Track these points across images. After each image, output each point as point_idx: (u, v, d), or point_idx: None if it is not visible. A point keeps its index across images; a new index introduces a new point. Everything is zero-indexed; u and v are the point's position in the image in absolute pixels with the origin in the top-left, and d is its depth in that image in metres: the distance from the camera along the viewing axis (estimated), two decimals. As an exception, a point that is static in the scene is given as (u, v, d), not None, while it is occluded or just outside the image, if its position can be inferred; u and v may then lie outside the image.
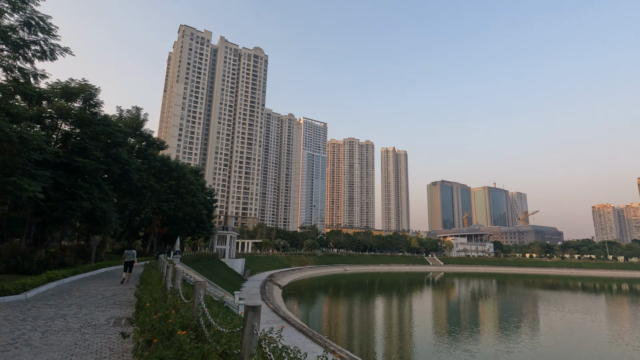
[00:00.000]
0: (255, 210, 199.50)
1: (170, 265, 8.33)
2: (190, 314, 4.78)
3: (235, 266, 61.30)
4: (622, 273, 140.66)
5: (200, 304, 4.64)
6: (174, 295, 6.24)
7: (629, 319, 41.33)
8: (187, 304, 5.44)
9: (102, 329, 8.64)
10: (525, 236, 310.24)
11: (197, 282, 4.98)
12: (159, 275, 11.87)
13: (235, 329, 3.81)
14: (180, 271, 6.88)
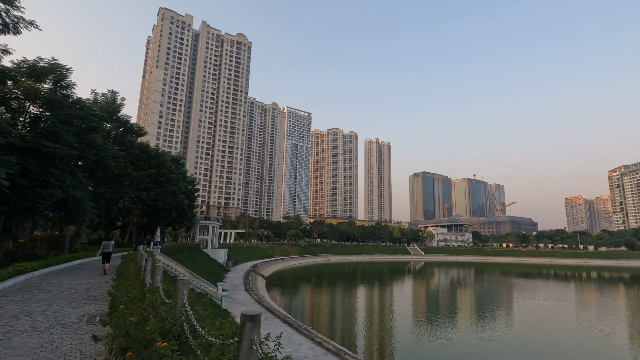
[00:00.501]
0: (238, 200, 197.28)
1: (149, 259, 7.57)
2: (172, 317, 4.15)
3: (217, 257, 60.31)
4: (591, 262, 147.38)
5: (184, 305, 4.03)
6: (154, 293, 5.56)
7: (598, 306, 43.09)
8: (169, 305, 4.80)
9: (73, 328, 7.84)
10: (502, 226, 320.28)
11: (180, 281, 4.34)
12: (137, 268, 11.11)
13: (228, 340, 3.24)
14: (161, 265, 6.17)
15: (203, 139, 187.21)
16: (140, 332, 3.63)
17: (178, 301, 4.14)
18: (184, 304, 4.02)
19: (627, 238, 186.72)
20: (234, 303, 28.49)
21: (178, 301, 4.14)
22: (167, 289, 5.85)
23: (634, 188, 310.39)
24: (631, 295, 53.86)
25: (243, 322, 2.95)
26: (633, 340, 26.50)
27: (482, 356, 21.49)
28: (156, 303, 4.99)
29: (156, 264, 7.42)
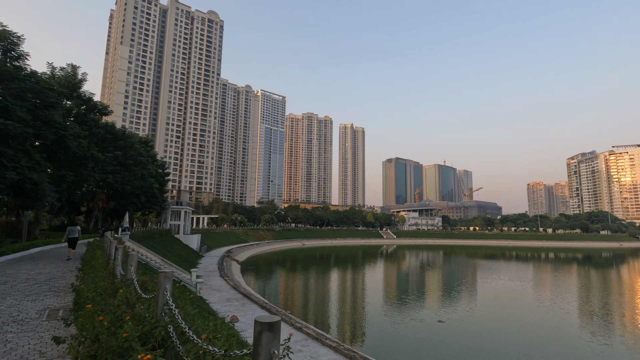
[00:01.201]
0: (211, 185, 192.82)
1: (119, 246, 6.75)
2: (153, 317, 3.51)
3: (190, 242, 58.77)
4: (550, 243, 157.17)
5: (167, 303, 3.40)
6: (127, 287, 4.82)
7: (556, 285, 45.93)
8: (147, 301, 4.14)
9: (31, 325, 6.93)
10: (469, 211, 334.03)
11: (162, 274, 3.67)
12: (105, 257, 10.11)
13: (229, 348, 2.65)
14: (135, 254, 5.41)
15: (173, 122, 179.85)
16: (114, 337, 3.00)
17: (160, 298, 3.49)
18: (167, 301, 3.40)
19: (582, 221, 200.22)
20: (209, 289, 27.76)
21: (160, 298, 3.49)
22: (142, 282, 5.13)
23: (589, 175, 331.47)
24: (582, 274, 57.86)
25: (259, 332, 2.31)
26: (589, 315, 28.36)
27: (451, 336, 22.17)
28: (131, 299, 4.29)
29: (129, 252, 6.62)
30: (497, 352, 19.20)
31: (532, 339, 21.68)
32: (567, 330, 24.11)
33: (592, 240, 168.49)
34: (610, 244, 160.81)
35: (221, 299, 24.37)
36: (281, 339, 2.83)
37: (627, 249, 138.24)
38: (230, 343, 2.77)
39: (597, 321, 26.59)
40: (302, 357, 13.28)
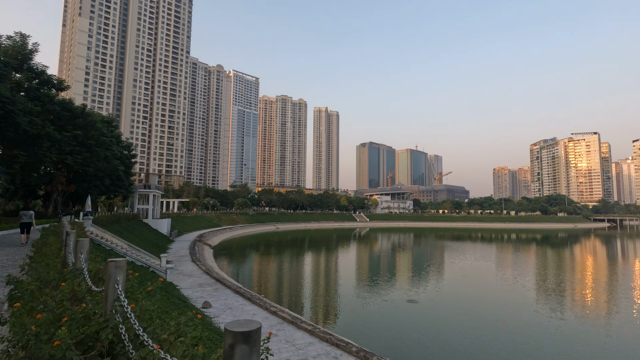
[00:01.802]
0: (181, 168, 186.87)
1: (71, 231, 6.01)
2: (102, 314, 2.97)
3: (160, 227, 56.87)
4: (513, 225, 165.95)
5: (119, 298, 2.88)
6: (75, 278, 4.20)
7: (518, 264, 48.58)
8: (97, 294, 3.58)
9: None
10: (439, 194, 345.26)
11: (113, 263, 3.05)
12: (59, 243, 9.25)
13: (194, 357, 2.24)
14: (87, 241, 4.77)
15: (139, 101, 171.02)
16: (45, 344, 2.49)
17: (110, 292, 2.94)
18: (118, 296, 2.88)
19: (542, 204, 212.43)
20: (180, 275, 26.96)
21: (110, 292, 2.94)
22: (96, 271, 4.54)
23: (550, 160, 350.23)
24: (540, 254, 61.56)
25: (231, 345, 1.78)
26: (546, 292, 30.18)
27: (420, 315, 22.86)
28: (79, 292, 3.72)
29: (82, 237, 5.92)
30: (464, 329, 19.95)
31: (496, 316, 22.74)
32: (528, 306, 25.49)
33: (550, 222, 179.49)
34: (566, 225, 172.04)
35: (193, 284, 23.73)
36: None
37: (580, 230, 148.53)
38: (194, 354, 2.35)
39: (554, 297, 28.35)
40: (278, 342, 13.09)
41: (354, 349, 12.32)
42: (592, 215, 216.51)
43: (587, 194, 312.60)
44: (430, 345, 17.15)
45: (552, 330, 19.99)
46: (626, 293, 30.16)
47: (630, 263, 50.65)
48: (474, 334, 19.11)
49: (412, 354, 15.99)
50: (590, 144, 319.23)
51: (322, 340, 13.40)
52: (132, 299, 3.35)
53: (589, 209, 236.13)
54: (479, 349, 16.83)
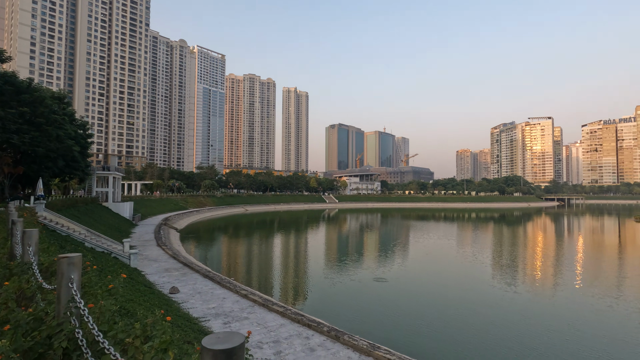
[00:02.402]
0: (143, 149, 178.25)
1: (18, 220, 5.37)
2: (54, 316, 2.64)
3: (121, 211, 54.40)
4: (473, 205, 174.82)
5: (74, 300, 2.56)
6: (23, 274, 3.74)
7: (477, 241, 51.55)
8: (49, 292, 3.21)
9: None
10: (405, 176, 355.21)
11: (65, 260, 2.65)
12: (5, 232, 8.39)
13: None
14: (36, 231, 4.28)
15: (94, 76, 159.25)
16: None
17: (63, 293, 2.60)
18: (73, 297, 2.57)
19: (500, 185, 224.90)
20: (145, 260, 26.08)
21: (63, 293, 2.60)
22: (49, 264, 4.10)
23: (508, 143, 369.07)
24: (497, 231, 65.65)
25: None
26: (502, 267, 32.35)
27: (386, 292, 23.76)
28: (27, 290, 3.32)
29: (32, 224, 5.38)
30: (429, 304, 21.00)
31: (458, 290, 24.11)
32: (486, 281, 27.22)
33: (507, 202, 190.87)
34: (520, 204, 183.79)
35: (159, 269, 23.06)
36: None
37: (533, 208, 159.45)
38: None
39: (508, 271, 30.47)
40: (249, 325, 13.08)
41: (325, 328, 12.58)
42: (544, 195, 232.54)
43: (540, 175, 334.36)
44: (398, 321, 17.91)
45: (507, 300, 21.55)
46: (570, 266, 32.96)
47: (574, 238, 55.28)
48: (439, 308, 20.17)
49: (381, 330, 16.63)
50: (545, 128, 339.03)
51: (293, 322, 13.56)
52: (90, 295, 3.08)
53: (542, 189, 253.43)
54: (444, 321, 17.81)
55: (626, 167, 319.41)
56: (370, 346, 11.20)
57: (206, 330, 12.14)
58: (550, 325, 17.53)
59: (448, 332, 16.61)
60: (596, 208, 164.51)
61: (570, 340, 15.77)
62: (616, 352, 14.62)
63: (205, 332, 11.82)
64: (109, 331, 2.46)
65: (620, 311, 19.85)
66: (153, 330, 2.43)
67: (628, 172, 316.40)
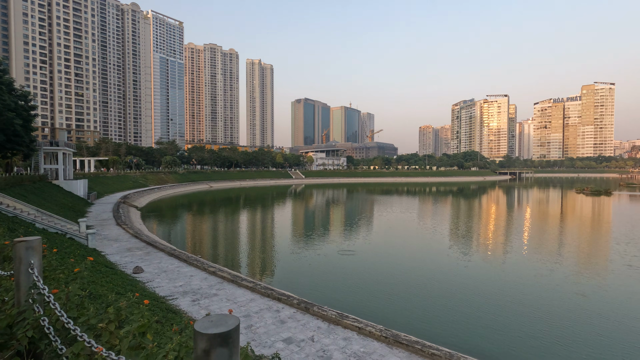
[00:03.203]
0: (95, 123, 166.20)
1: None
2: (14, 305, 2.41)
3: (75, 189, 51.08)
4: (434, 179, 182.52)
5: (36, 285, 2.35)
6: None
7: (436, 214, 54.35)
8: (3, 278, 2.94)
9: None
10: (371, 151, 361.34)
11: (22, 244, 2.33)
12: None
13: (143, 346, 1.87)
14: None
15: (34, 41, 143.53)
16: None
17: (22, 280, 2.36)
18: (35, 283, 2.37)
19: (459, 160, 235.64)
20: (104, 240, 24.97)
21: (22, 280, 2.36)
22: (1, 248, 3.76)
23: (467, 120, 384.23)
24: (455, 204, 69.50)
25: (206, 350, 1.47)
26: (458, 238, 34.55)
27: (351, 266, 24.69)
28: None
29: None
30: (391, 273, 22.10)
31: (419, 260, 25.53)
32: (444, 250, 28.98)
33: (465, 176, 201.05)
34: (477, 178, 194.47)
35: (120, 249, 22.22)
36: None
37: (488, 182, 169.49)
38: (142, 344, 2.04)
39: (464, 241, 32.61)
40: (219, 301, 13.12)
41: (294, 301, 12.91)
42: (498, 169, 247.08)
43: (495, 150, 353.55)
44: (365, 291, 18.76)
45: (462, 267, 23.20)
46: (518, 235, 35.84)
47: (523, 209, 59.83)
48: (402, 276, 21.31)
49: (349, 300, 17.35)
50: (501, 105, 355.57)
51: (263, 296, 13.77)
52: (52, 280, 2.89)
53: (496, 163, 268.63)
54: (407, 288, 18.89)
55: (570, 143, 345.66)
56: (339, 315, 11.70)
57: (174, 308, 12.04)
58: (501, 289, 19.19)
59: (411, 298, 17.67)
60: (543, 181, 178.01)
61: (514, 301, 17.40)
62: (554, 308, 16.37)
63: (174, 310, 11.72)
64: (79, 317, 2.33)
65: (559, 274, 22.07)
66: (127, 314, 2.34)
67: (572, 147, 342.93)
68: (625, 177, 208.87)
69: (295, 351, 9.65)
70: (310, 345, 9.98)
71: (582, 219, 47.36)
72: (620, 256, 26.30)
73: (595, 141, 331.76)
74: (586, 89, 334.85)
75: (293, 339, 10.34)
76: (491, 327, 14.52)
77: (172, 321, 9.40)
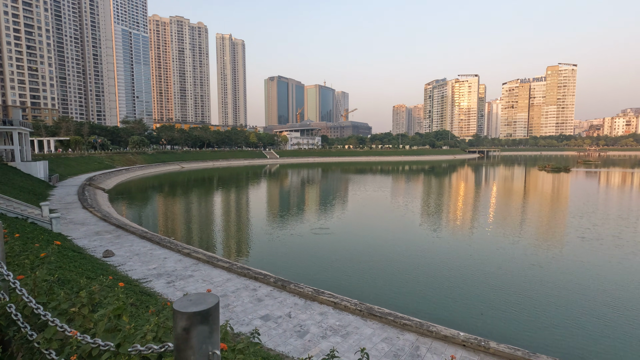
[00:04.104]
0: (53, 100, 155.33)
1: None
2: None
3: (34, 171, 48.19)
4: (407, 158, 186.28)
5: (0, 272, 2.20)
6: None
7: (407, 192, 55.92)
8: None
9: None
10: (345, 130, 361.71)
11: None
12: None
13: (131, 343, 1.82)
14: None
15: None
16: None
17: None
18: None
19: (430, 139, 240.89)
20: (69, 224, 23.95)
21: None
22: None
23: (439, 99, 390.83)
24: (426, 182, 71.70)
25: (186, 328, 1.45)
26: (428, 214, 35.88)
27: (324, 244, 25.18)
28: None
29: None
30: (364, 250, 22.75)
31: (391, 237, 26.37)
32: (415, 226, 30.06)
33: (436, 154, 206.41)
34: (447, 157, 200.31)
35: (88, 233, 21.42)
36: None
37: (458, 160, 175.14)
38: (119, 326, 2.02)
39: (434, 217, 33.93)
40: (195, 282, 13.06)
41: (271, 279, 13.08)
42: (467, 147, 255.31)
43: (465, 129, 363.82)
44: (339, 267, 19.25)
45: (430, 243, 24.24)
46: (484, 211, 37.64)
47: (489, 186, 62.64)
48: (375, 252, 21.99)
49: (325, 277, 17.77)
50: (472, 85, 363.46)
51: (240, 276, 13.84)
52: (16, 266, 2.75)
53: (466, 142, 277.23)
54: (379, 264, 19.55)
55: (535, 122, 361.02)
56: (315, 292, 12.00)
57: (149, 290, 11.89)
58: (467, 262, 20.29)
59: (384, 273, 18.35)
60: (509, 159, 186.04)
61: (478, 273, 18.49)
62: (514, 278, 17.57)
63: (148, 292, 11.58)
64: (49, 302, 2.25)
65: (519, 247, 23.56)
66: (101, 297, 2.29)
67: (536, 126, 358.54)
68: (582, 154, 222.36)
69: (273, 327, 9.87)
70: (287, 321, 10.23)
71: (543, 195, 50.28)
72: (574, 229, 28.33)
73: (557, 120, 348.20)
74: (551, 69, 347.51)
75: (270, 316, 10.54)
76: (457, 297, 15.42)
77: (147, 303, 9.30)
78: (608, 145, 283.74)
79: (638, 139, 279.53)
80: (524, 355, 8.26)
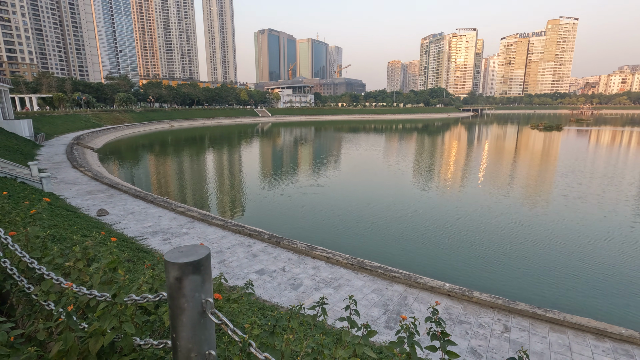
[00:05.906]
0: (31, 54, 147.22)
1: None
2: None
3: (18, 130, 46.83)
4: (401, 116, 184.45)
5: None
6: None
7: (400, 151, 56.06)
8: None
9: None
10: (338, 87, 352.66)
11: None
12: None
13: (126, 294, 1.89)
14: None
15: None
16: None
17: None
18: None
19: (425, 96, 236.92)
20: (61, 184, 23.79)
21: None
22: None
23: (436, 55, 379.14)
24: (418, 141, 71.71)
25: (178, 277, 1.50)
26: (420, 173, 36.32)
27: (316, 202, 25.57)
28: None
29: None
30: (357, 207, 23.23)
31: (382, 195, 26.83)
32: (406, 186, 30.52)
33: (430, 113, 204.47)
34: (441, 115, 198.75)
35: (80, 192, 21.36)
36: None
37: (452, 119, 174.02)
38: (114, 278, 2.04)
39: (425, 176, 34.40)
40: (190, 239, 13.34)
41: (266, 236, 13.41)
42: (462, 106, 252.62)
43: (460, 86, 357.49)
44: (332, 224, 19.75)
45: (421, 200, 24.80)
46: (474, 170, 38.16)
47: (481, 145, 62.98)
48: (367, 209, 22.47)
49: (318, 233, 18.26)
50: (470, 40, 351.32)
51: (234, 233, 14.14)
52: (7, 223, 2.76)
53: (461, 100, 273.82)
54: (371, 220, 20.08)
55: (531, 80, 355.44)
56: (309, 247, 12.39)
57: (145, 247, 12.15)
58: (454, 218, 20.93)
59: (375, 229, 18.90)
60: (502, 117, 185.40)
61: (464, 228, 19.16)
62: (497, 236, 18.29)
63: (145, 249, 11.84)
64: (43, 257, 2.29)
65: (504, 205, 24.24)
66: (95, 252, 2.34)
67: (532, 84, 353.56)
68: (576, 113, 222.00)
69: (268, 280, 10.29)
70: (281, 275, 10.65)
71: (534, 154, 50.86)
72: (559, 187, 29.05)
73: (553, 78, 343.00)
74: (551, 23, 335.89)
75: (265, 270, 10.95)
76: (444, 251, 16.09)
77: (144, 259, 9.55)
78: (602, 103, 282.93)
79: (632, 97, 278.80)
80: (505, 303, 8.81)
